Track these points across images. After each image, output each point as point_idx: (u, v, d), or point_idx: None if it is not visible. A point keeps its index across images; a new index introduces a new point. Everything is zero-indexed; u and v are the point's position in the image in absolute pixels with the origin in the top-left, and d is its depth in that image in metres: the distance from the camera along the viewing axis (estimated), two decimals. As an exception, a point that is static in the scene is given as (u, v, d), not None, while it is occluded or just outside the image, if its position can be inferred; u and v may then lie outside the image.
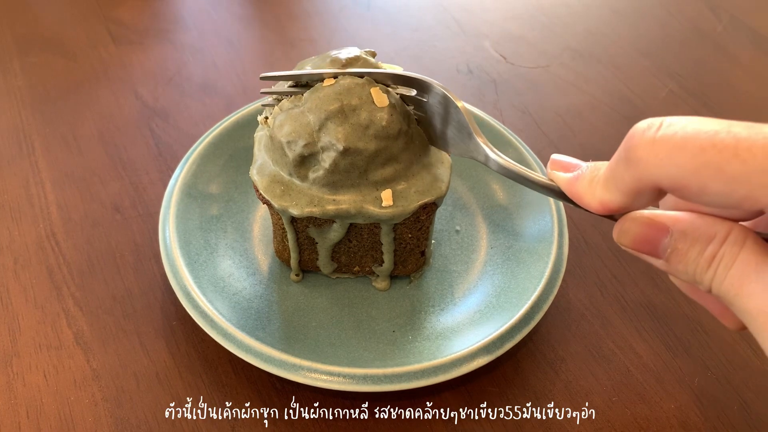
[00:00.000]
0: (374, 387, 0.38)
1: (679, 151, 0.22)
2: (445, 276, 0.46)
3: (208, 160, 0.49)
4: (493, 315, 0.42)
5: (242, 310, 0.42)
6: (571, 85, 0.65)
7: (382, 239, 0.42)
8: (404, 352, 0.41)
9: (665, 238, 0.26)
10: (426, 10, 0.74)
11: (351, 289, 0.46)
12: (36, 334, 0.43)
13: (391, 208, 0.39)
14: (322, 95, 0.38)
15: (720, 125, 0.22)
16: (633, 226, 0.27)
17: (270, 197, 0.40)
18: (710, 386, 0.42)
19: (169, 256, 0.43)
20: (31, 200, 0.51)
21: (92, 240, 0.49)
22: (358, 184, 0.39)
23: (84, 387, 0.41)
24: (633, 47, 0.70)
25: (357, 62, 0.40)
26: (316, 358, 0.39)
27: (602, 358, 0.44)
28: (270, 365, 0.38)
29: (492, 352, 0.39)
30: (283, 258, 0.46)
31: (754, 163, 0.21)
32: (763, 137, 0.21)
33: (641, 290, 0.47)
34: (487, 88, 0.64)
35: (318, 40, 0.70)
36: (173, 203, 0.46)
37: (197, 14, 0.72)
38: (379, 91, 0.38)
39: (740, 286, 0.23)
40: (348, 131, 0.37)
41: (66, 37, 0.67)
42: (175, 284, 0.42)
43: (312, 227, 0.42)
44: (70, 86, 0.62)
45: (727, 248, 0.24)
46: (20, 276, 0.46)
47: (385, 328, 0.43)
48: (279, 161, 0.40)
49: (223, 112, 0.59)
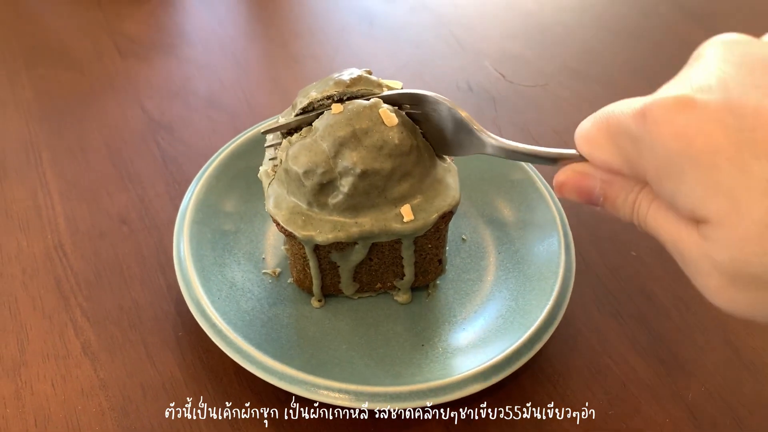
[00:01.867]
0: (421, 401, 0.39)
1: (582, 130, 0.29)
2: (461, 285, 0.48)
3: (222, 176, 0.50)
4: (515, 319, 0.44)
5: (271, 340, 0.42)
6: (569, 104, 0.66)
7: (403, 253, 0.43)
8: (440, 365, 0.42)
9: (595, 186, 0.29)
10: (427, 28, 0.76)
11: (373, 308, 0.46)
12: (44, 343, 0.44)
13: (413, 223, 0.40)
14: (332, 122, 0.39)
15: (612, 106, 0.27)
16: (567, 176, 0.30)
17: (293, 229, 0.40)
18: (704, 401, 0.43)
19: (183, 271, 0.44)
20: (39, 211, 0.52)
21: (99, 251, 0.49)
22: (378, 203, 0.40)
23: (91, 396, 0.41)
24: (629, 67, 0.72)
25: (360, 82, 0.41)
26: (359, 380, 0.39)
27: (598, 373, 0.45)
28: (311, 392, 0.38)
29: (524, 354, 0.41)
30: (304, 286, 0.46)
31: (606, 136, 0.27)
32: (609, 113, 0.27)
33: (637, 306, 0.48)
34: (487, 105, 0.66)
35: (321, 56, 0.71)
36: (187, 220, 0.46)
37: (202, 29, 0.73)
38: (387, 111, 0.39)
39: (656, 228, 0.27)
40: (363, 154, 0.38)
41: (73, 49, 0.68)
42: (197, 312, 0.42)
43: (334, 252, 0.42)
44: (77, 98, 0.63)
45: (642, 196, 0.28)
46: (28, 286, 0.47)
47: (414, 342, 0.44)
48: (296, 192, 0.40)
49: (228, 126, 0.60)
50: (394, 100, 0.41)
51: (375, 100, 0.40)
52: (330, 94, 0.41)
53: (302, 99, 0.42)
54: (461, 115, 0.37)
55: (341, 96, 0.41)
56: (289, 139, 0.41)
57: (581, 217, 0.54)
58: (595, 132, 0.28)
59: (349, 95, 0.41)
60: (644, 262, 0.51)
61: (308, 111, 0.42)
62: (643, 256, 0.52)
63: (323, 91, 0.41)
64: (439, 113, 0.39)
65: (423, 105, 0.40)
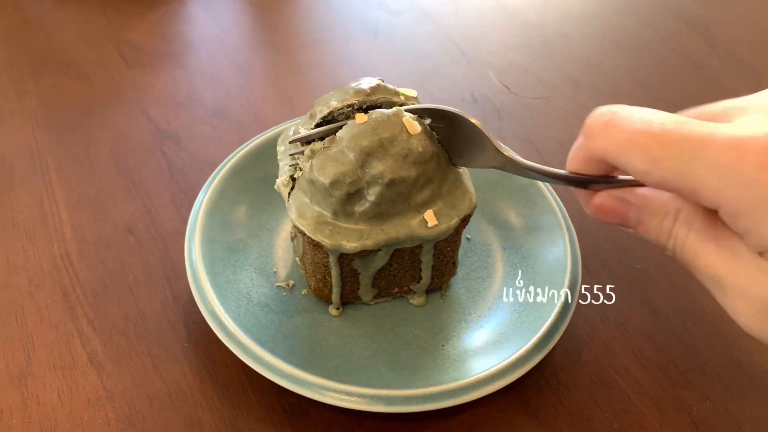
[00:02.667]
0: (455, 400, 0.40)
1: (620, 132, 0.28)
2: (472, 283, 0.49)
3: (232, 182, 0.50)
4: (529, 313, 0.45)
5: (296, 352, 0.42)
6: (573, 116, 0.67)
7: (422, 257, 0.44)
8: (462, 364, 0.42)
9: (629, 210, 0.30)
10: (431, 39, 0.76)
11: (390, 313, 0.47)
12: (50, 353, 0.44)
13: (437, 227, 0.41)
14: (358, 132, 0.39)
15: (658, 117, 0.27)
16: (603, 200, 0.31)
17: (320, 238, 0.41)
18: (709, 415, 0.43)
19: (201, 291, 0.44)
20: (45, 220, 0.52)
21: (106, 261, 0.50)
22: (402, 210, 0.41)
23: (97, 407, 0.42)
24: (632, 78, 0.72)
25: (379, 90, 0.42)
26: (392, 384, 0.40)
27: (604, 386, 0.45)
28: (344, 401, 0.39)
29: (541, 349, 0.42)
30: (323, 296, 0.46)
31: (669, 151, 0.26)
32: (681, 131, 0.26)
33: (642, 319, 0.49)
34: (491, 116, 0.66)
35: (326, 66, 0.71)
36: (198, 237, 0.46)
37: (208, 39, 0.74)
38: (410, 119, 0.40)
39: (693, 258, 0.28)
40: (390, 163, 0.39)
41: (79, 58, 0.68)
42: (212, 321, 0.42)
43: (357, 259, 0.43)
44: (83, 107, 0.63)
45: (679, 226, 0.29)
46: (35, 296, 0.47)
47: (434, 344, 0.45)
48: (321, 202, 0.41)
49: (234, 136, 0.61)
50: (416, 113, 0.41)
51: (397, 109, 0.40)
52: (351, 103, 0.41)
53: (322, 108, 0.42)
54: (480, 130, 0.39)
55: (361, 105, 0.41)
56: (311, 148, 0.41)
57: (584, 228, 0.54)
58: (657, 151, 0.27)
59: (369, 104, 0.42)
60: (649, 275, 0.51)
61: (328, 120, 0.42)
62: (647, 269, 0.52)
63: (343, 100, 0.41)
64: (460, 128, 0.40)
65: (444, 120, 0.41)
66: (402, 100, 0.43)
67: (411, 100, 0.43)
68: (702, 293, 0.50)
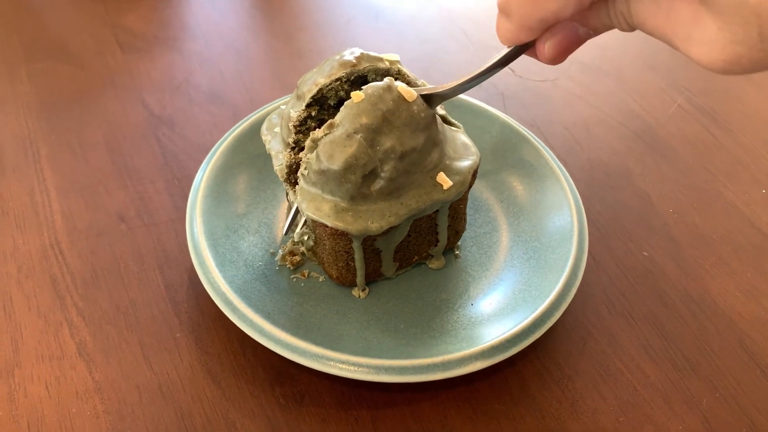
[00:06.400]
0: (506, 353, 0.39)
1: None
2: (481, 239, 0.49)
3: (232, 158, 0.49)
4: (547, 255, 0.45)
5: (334, 339, 0.41)
6: (579, 99, 0.65)
7: (438, 220, 0.44)
8: (499, 319, 0.42)
9: (577, 28, 0.32)
10: (434, 22, 0.74)
11: (411, 282, 0.46)
12: (38, 344, 0.43)
13: (453, 188, 0.41)
14: (358, 111, 0.38)
15: None
16: (555, 38, 0.32)
17: (344, 226, 0.39)
18: (718, 407, 0.42)
19: (200, 256, 0.43)
20: (35, 208, 0.51)
21: (96, 250, 0.48)
22: (417, 179, 0.40)
23: (86, 399, 0.40)
24: (641, 61, 0.70)
25: (363, 59, 0.41)
26: (440, 351, 0.39)
27: (609, 377, 0.43)
28: (399, 374, 0.38)
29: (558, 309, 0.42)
30: (347, 282, 0.45)
31: None
32: None
33: (649, 308, 0.47)
34: (496, 100, 0.64)
35: (326, 50, 0.70)
36: (199, 202, 0.46)
37: (205, 23, 0.72)
38: (404, 87, 0.38)
39: (643, 25, 0.30)
40: (398, 135, 0.38)
41: (73, 44, 0.67)
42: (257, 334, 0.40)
43: (379, 238, 0.42)
44: (76, 93, 0.62)
45: (619, 4, 0.31)
46: (23, 285, 0.46)
47: (462, 304, 0.44)
48: (336, 191, 0.39)
49: (230, 121, 0.59)
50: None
51: (387, 79, 0.39)
52: (338, 77, 0.40)
53: (310, 87, 0.40)
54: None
55: (349, 77, 0.40)
56: (311, 138, 0.39)
57: (591, 215, 0.53)
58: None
59: (357, 74, 0.40)
60: (656, 263, 0.50)
61: (318, 99, 0.40)
62: (654, 256, 0.50)
63: (329, 76, 0.40)
64: None
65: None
66: (387, 66, 0.41)
67: (394, 65, 0.42)
68: (712, 281, 0.48)
